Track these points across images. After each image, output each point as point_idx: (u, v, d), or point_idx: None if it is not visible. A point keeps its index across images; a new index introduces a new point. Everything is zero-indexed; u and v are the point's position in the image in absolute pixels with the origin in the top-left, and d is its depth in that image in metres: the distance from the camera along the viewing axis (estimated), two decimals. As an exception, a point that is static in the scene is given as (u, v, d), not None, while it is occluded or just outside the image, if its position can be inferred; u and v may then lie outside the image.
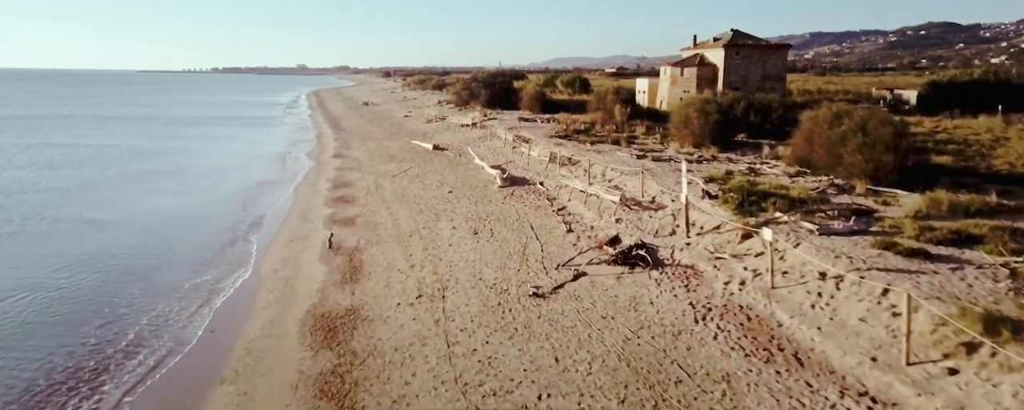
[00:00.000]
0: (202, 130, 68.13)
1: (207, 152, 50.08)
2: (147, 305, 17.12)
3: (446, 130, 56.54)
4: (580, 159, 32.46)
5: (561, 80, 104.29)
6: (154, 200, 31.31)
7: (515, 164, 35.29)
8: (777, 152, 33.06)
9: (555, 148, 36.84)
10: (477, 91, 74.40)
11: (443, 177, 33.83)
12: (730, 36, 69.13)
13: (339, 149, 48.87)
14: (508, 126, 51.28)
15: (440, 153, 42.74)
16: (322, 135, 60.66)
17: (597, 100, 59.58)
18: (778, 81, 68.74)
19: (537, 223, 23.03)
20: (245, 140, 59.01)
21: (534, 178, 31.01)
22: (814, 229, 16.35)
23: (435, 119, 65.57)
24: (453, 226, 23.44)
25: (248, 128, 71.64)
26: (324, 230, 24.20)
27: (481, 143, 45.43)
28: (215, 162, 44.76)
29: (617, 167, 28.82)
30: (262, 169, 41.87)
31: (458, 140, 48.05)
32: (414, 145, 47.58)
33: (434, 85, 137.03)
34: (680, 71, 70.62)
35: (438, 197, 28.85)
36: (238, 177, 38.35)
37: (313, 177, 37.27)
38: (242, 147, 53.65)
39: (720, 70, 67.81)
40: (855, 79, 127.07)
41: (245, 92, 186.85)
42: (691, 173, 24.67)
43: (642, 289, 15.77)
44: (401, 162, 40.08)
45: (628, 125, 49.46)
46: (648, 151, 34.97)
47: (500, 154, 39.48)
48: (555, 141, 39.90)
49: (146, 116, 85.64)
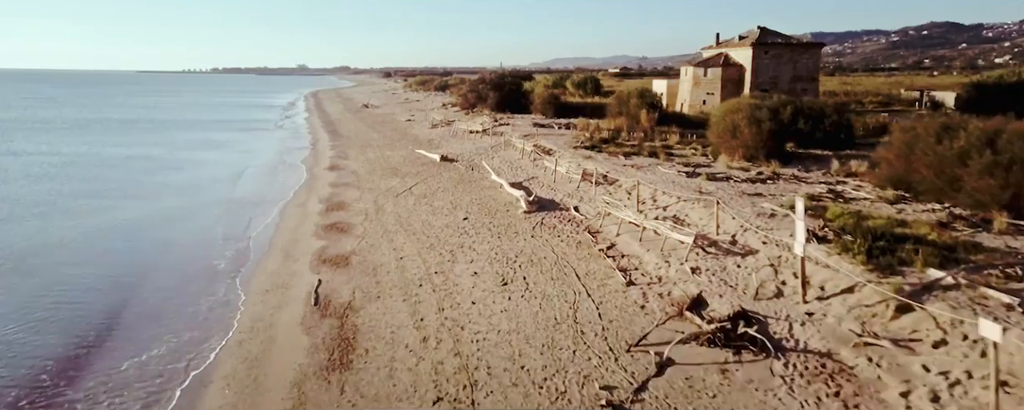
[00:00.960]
0: (188, 136, 63.02)
1: (188, 162, 44.97)
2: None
3: (453, 137, 51.42)
4: (618, 177, 27.34)
5: (571, 81, 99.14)
6: (112, 228, 26.18)
7: (539, 181, 30.16)
8: (850, 168, 27.97)
9: (584, 161, 31.73)
10: (485, 94, 69.30)
11: (455, 197, 28.73)
12: (758, 34, 64.06)
13: (335, 159, 43.77)
14: (523, 133, 46.16)
15: (449, 165, 37.62)
16: (318, 142, 55.54)
17: (618, 104, 54.48)
18: (810, 82, 63.69)
19: (582, 268, 17.91)
20: (233, 148, 53.90)
21: (566, 201, 25.87)
22: (1018, 306, 11.22)
23: (441, 124, 60.45)
24: (474, 271, 18.32)
25: (238, 133, 66.54)
26: (310, 274, 19.09)
27: (495, 153, 40.33)
28: (195, 175, 39.62)
29: (668, 189, 23.69)
30: (247, 184, 36.75)
31: (468, 150, 42.93)
32: (419, 155, 42.47)
33: (437, 86, 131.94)
34: (703, 71, 65.62)
35: (451, 226, 23.74)
36: (217, 195, 33.19)
37: (304, 195, 32.15)
38: (228, 156, 48.54)
39: (747, 70, 62.80)
40: (867, 80, 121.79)
41: (242, 93, 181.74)
42: (762, 196, 19.59)
43: (767, 396, 10.67)
44: (405, 177, 34.96)
45: (656, 132, 44.42)
46: (694, 166, 29.85)
47: (519, 168, 34.34)
48: (581, 152, 34.77)
49: (132, 119, 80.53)
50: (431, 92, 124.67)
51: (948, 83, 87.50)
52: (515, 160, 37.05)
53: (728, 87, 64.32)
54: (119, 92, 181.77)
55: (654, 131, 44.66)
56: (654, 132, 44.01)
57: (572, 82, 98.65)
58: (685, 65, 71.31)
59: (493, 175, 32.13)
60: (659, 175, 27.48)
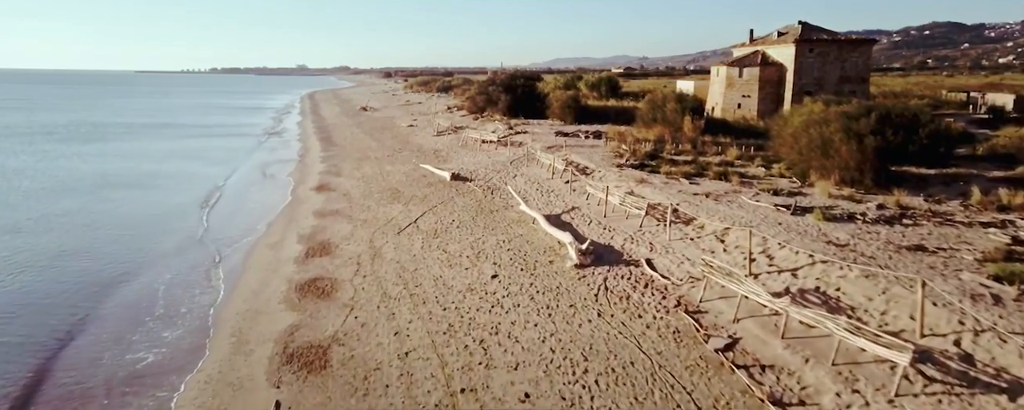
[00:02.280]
0: (164, 144, 56.13)
1: (153, 179, 38.05)
2: None
3: (463, 148, 44.55)
4: (695, 213, 20.44)
5: (585, 82, 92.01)
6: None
7: (583, 215, 23.25)
8: (999, 196, 21.15)
9: (637, 185, 24.85)
10: (495, 96, 62.39)
11: (476, 237, 21.84)
12: (800, 30, 57.18)
13: (326, 175, 36.90)
14: (546, 145, 39.30)
15: (462, 187, 30.75)
16: (308, 153, 48.65)
17: (651, 109, 47.66)
18: (859, 84, 56.79)
19: (702, 392, 11.06)
20: (211, 158, 47.01)
21: (631, 251, 18.94)
22: None
23: (447, 131, 53.58)
24: (525, 391, 11.47)
25: (221, 140, 59.65)
26: (265, 389, 12.26)
27: (516, 171, 33.44)
28: (154, 199, 32.66)
29: (780, 236, 16.83)
30: (214, 213, 29.85)
31: (483, 165, 36.05)
32: (424, 171, 35.59)
33: (439, 88, 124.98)
34: (738, 72, 58.78)
35: (476, 288, 16.90)
36: (172, 233, 26.20)
37: (280, 230, 25.27)
38: (203, 170, 41.64)
39: (789, 70, 55.95)
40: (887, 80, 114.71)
41: (236, 94, 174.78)
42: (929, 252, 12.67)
43: None
44: (409, 202, 28.08)
45: (703, 143, 37.64)
46: (785, 193, 22.96)
47: (552, 193, 27.43)
48: (628, 172, 27.88)
49: (106, 124, 73.55)
50: (433, 94, 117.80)
51: (975, 84, 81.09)
52: (543, 181, 30.15)
53: (766, 89, 57.60)
54: (108, 93, 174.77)
55: (702, 142, 37.84)
56: (703, 144, 37.19)
57: (585, 83, 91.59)
58: (717, 64, 64.39)
59: (522, 204, 25.22)
60: (749, 210, 20.61)
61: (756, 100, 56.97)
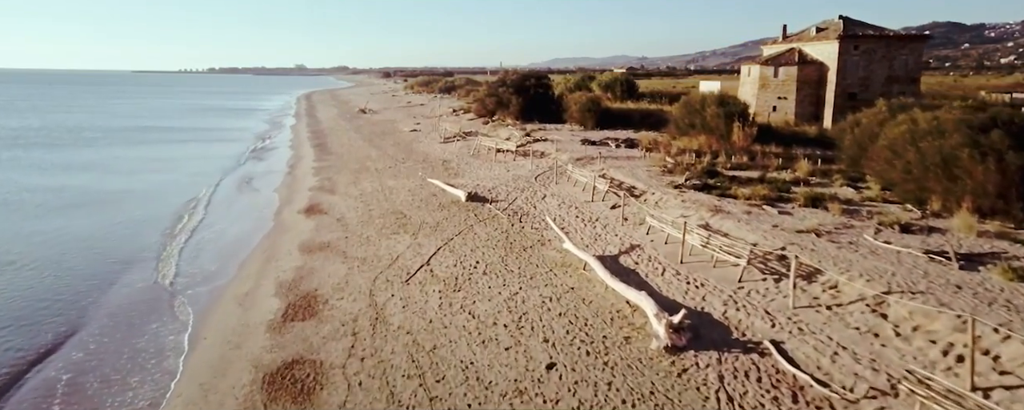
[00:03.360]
0: (139, 151, 50.54)
1: (110, 199, 32.44)
2: None
3: (475, 157, 39.06)
4: (813, 261, 14.91)
5: (598, 82, 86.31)
6: None
7: (647, 256, 17.73)
8: None
9: (708, 214, 19.36)
10: (506, 98, 56.87)
11: (511, 291, 16.31)
12: (841, 25, 51.71)
13: (317, 193, 31.40)
14: (574, 155, 33.82)
15: (481, 209, 25.22)
16: (300, 162, 43.11)
17: (686, 113, 42.17)
18: (909, 84, 51.30)
19: None
20: (186, 170, 41.41)
21: (743, 324, 13.39)
22: None
23: (456, 137, 48.08)
24: None
25: (204, 146, 54.08)
26: None
27: (544, 188, 27.93)
28: (101, 227, 26.92)
29: (995, 319, 11.36)
30: (176, 245, 24.30)
31: (502, 179, 30.54)
32: (433, 188, 30.08)
33: (441, 88, 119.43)
34: (772, 71, 53.33)
35: (528, 388, 11.40)
36: (109, 274, 20.62)
37: (254, 273, 19.72)
38: (175, 184, 36.05)
39: (831, 70, 50.53)
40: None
41: (231, 95, 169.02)
42: None
43: None
44: (418, 232, 22.56)
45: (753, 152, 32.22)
46: (915, 228, 17.44)
47: (596, 222, 21.86)
48: (690, 195, 22.38)
49: (83, 128, 67.74)
50: (435, 94, 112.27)
51: (1004, 84, 75.87)
52: (581, 204, 24.63)
53: (805, 90, 52.27)
54: (97, 93, 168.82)
55: (759, 154, 32.39)
56: (760, 155, 31.74)
57: (598, 83, 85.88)
58: (748, 63, 59.02)
59: (566, 241, 19.63)
60: (887, 258, 15.10)
61: (794, 102, 51.59)
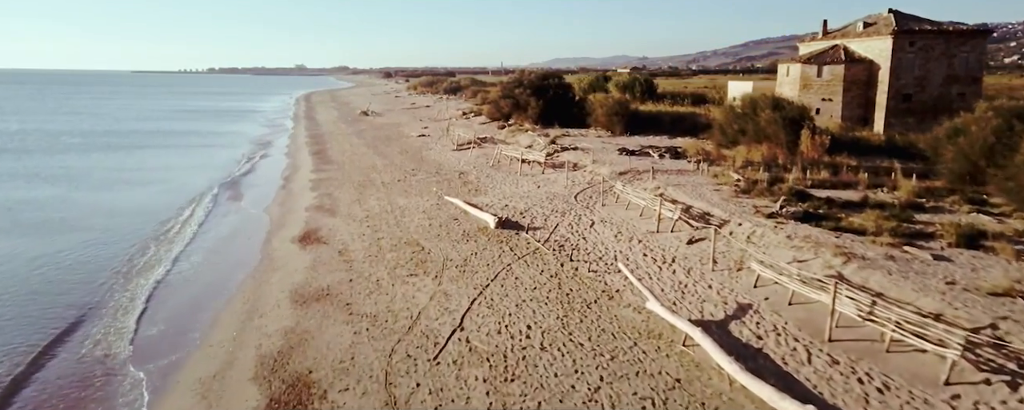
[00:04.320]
0: (118, 160, 45.56)
1: (67, 219, 27.42)
2: None
3: (496, 168, 34.16)
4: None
5: (614, 83, 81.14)
6: None
7: (770, 325, 12.82)
8: None
9: (837, 258, 14.43)
10: (523, 101, 51.92)
11: (589, 384, 11.38)
12: (893, 19, 46.72)
13: (315, 214, 26.47)
14: (616, 168, 28.90)
15: (516, 239, 20.27)
16: (296, 173, 38.15)
17: (734, 118, 37.34)
18: (970, 84, 46.31)
19: None
20: (165, 182, 36.38)
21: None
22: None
23: (470, 144, 43.15)
24: None
25: (190, 154, 49.14)
26: None
27: (589, 210, 22.97)
28: (45, 259, 21.80)
29: None
30: (127, 292, 19.35)
31: (536, 200, 25.58)
32: (453, 209, 25.12)
33: (447, 89, 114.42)
34: (816, 70, 48.41)
35: None
36: (34, 339, 15.71)
37: (226, 340, 14.72)
38: (146, 202, 31.04)
39: (882, 69, 45.62)
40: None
41: (228, 96, 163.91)
42: None
43: None
44: (442, 275, 17.63)
45: (823, 165, 27.32)
46: None
47: (674, 262, 16.90)
48: (790, 226, 17.46)
49: (63, 132, 62.43)
50: (440, 95, 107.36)
51: None
52: (644, 234, 19.70)
53: (852, 91, 47.45)
54: (91, 94, 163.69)
55: (837, 165, 27.48)
56: (842, 168, 26.82)
57: (615, 84, 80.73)
58: (787, 62, 54.05)
59: (650, 299, 14.56)
60: None
61: (840, 104, 46.69)
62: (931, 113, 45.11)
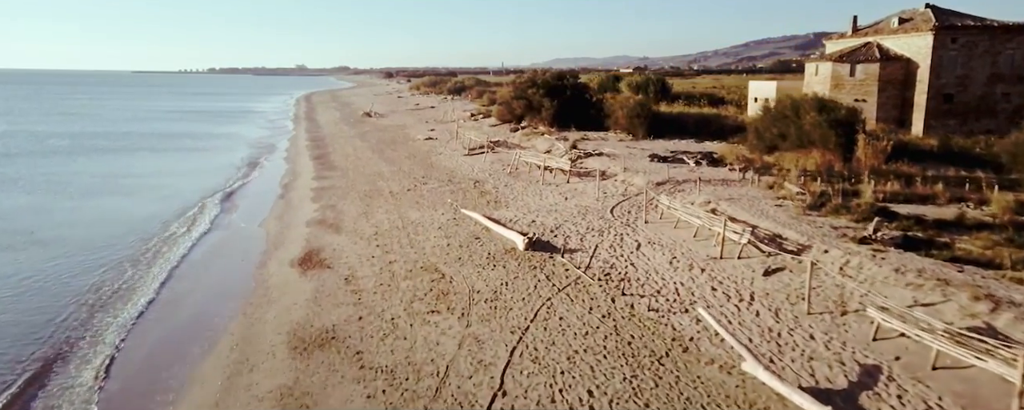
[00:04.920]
0: (104, 165, 42.59)
1: (28, 236, 24.28)
2: None
3: (514, 176, 31.15)
4: None
5: (626, 83, 78.08)
6: None
7: (925, 405, 9.84)
8: None
9: (982, 306, 11.40)
10: (537, 102, 48.94)
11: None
12: (932, 15, 43.73)
13: (317, 230, 23.46)
14: (655, 179, 25.87)
15: (550, 264, 17.23)
16: (296, 180, 35.14)
17: (772, 120, 34.31)
18: (1016, 83, 43.26)
19: None
20: (149, 191, 33.33)
21: None
22: None
23: (483, 149, 40.14)
24: None
25: (184, 158, 46.16)
26: None
27: (632, 229, 19.92)
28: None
29: None
30: (92, 335, 16.33)
31: (566, 214, 22.53)
32: (472, 224, 22.07)
33: (451, 89, 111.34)
34: (848, 69, 45.47)
35: None
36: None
37: (208, 405, 11.78)
38: (126, 211, 28.01)
39: (921, 67, 42.65)
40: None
41: (227, 96, 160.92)
42: None
43: None
44: (469, 310, 14.61)
45: (884, 175, 24.31)
46: None
47: (754, 303, 13.89)
48: (884, 250, 14.45)
49: (50, 134, 59.19)
50: (444, 96, 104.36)
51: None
52: (703, 260, 16.70)
53: (888, 91, 44.54)
54: (89, 94, 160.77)
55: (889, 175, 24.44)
56: (917, 178, 23.77)
57: (627, 84, 77.69)
58: (815, 60, 50.97)
59: (746, 357, 11.57)
60: None
61: (875, 105, 43.68)
62: (974, 114, 42.15)
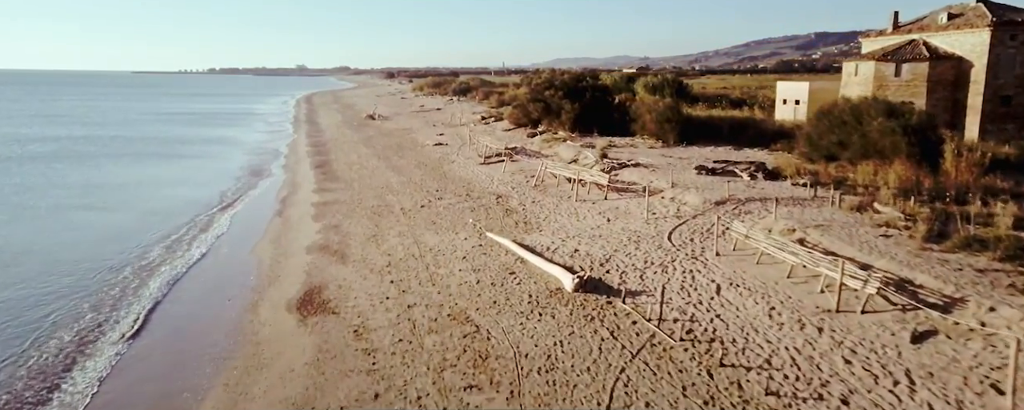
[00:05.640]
0: (76, 173, 38.97)
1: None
2: None
3: (544, 194, 27.47)
4: None
5: (642, 84, 74.31)
6: None
7: None
8: None
9: None
10: (555, 105, 45.30)
11: None
12: (984, 9, 40.07)
13: (318, 259, 19.83)
14: (709, 197, 22.22)
15: (614, 317, 13.60)
16: (294, 195, 31.51)
17: (828, 126, 30.74)
18: (1081, 86, 39.60)
19: None
20: (129, 207, 29.74)
21: None
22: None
23: (501, 157, 36.47)
24: None
25: (171, 166, 42.56)
26: None
27: (701, 262, 16.26)
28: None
29: None
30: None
31: (616, 242, 18.86)
32: (503, 253, 18.42)
33: (455, 90, 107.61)
34: (893, 69, 41.85)
35: None
36: None
37: None
38: (100, 232, 24.38)
39: (975, 67, 39.02)
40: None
41: (225, 97, 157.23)
42: None
43: None
44: (520, 392, 11.01)
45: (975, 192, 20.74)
46: None
47: (917, 388, 10.31)
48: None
49: (28, 139, 55.36)
50: (450, 97, 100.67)
51: None
52: (813, 312, 13.08)
53: (938, 92, 40.93)
54: (79, 95, 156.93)
55: (983, 190, 20.83)
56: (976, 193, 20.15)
57: (643, 85, 73.92)
58: (854, 59, 47.17)
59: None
60: None
61: (924, 108, 39.98)
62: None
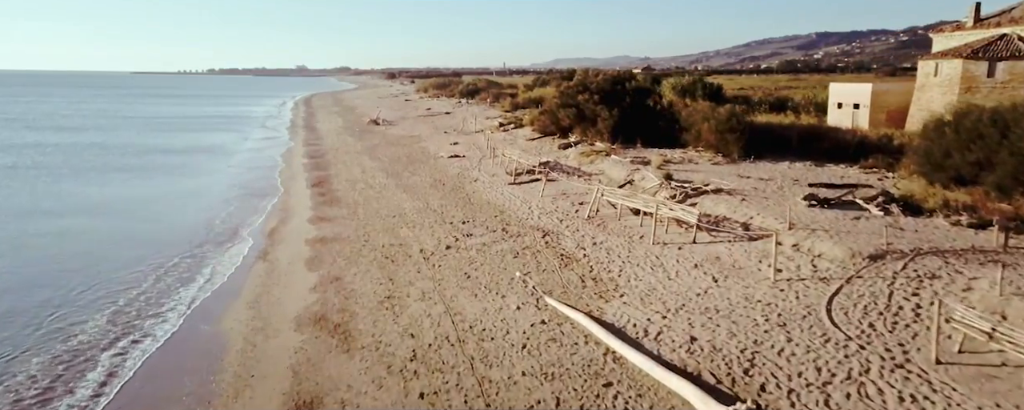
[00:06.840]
0: (26, 188, 32.95)
1: None
2: None
3: (603, 230, 21.33)
4: None
5: (668, 85, 67.58)
6: None
7: None
8: None
9: None
10: (590, 111, 39.16)
11: None
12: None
13: (312, 341, 13.80)
14: (859, 247, 16.12)
15: None
16: (284, 227, 25.44)
17: (958, 141, 24.58)
18: None
19: None
20: (63, 251, 23.71)
21: None
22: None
23: (536, 175, 30.35)
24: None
25: (148, 182, 36.57)
26: None
27: (919, 378, 10.17)
28: None
29: None
30: None
31: (740, 318, 12.71)
32: (569, 327, 12.41)
33: (463, 92, 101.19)
34: (985, 68, 35.65)
35: None
36: None
37: None
38: (42, 280, 18.40)
39: (1087, 68, 32.77)
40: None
41: (223, 99, 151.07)
42: None
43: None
44: None
45: None
46: None
47: None
48: None
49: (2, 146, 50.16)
50: (457, 100, 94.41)
51: None
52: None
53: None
54: (69, 96, 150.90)
55: None
56: None
57: (670, 86, 67.17)
58: (932, 57, 40.81)
59: None
60: None
61: (1021, 116, 33.81)
62: None
